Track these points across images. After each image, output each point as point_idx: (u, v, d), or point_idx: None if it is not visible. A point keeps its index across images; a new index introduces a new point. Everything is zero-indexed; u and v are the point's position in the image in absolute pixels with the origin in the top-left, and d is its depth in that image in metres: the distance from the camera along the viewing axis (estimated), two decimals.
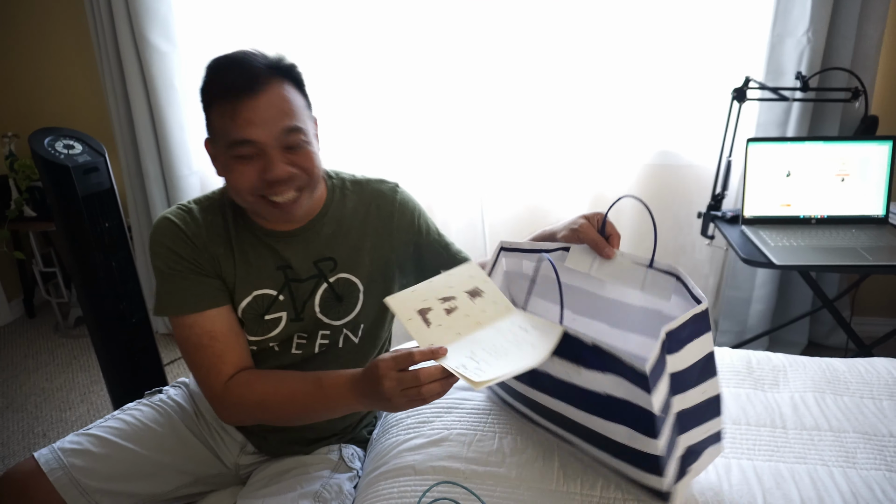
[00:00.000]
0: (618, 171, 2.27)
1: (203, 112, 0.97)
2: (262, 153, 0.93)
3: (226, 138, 0.93)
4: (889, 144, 1.79)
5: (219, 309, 1.01)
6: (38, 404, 2.16)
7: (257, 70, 0.92)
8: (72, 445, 1.07)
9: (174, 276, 1.00)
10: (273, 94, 0.92)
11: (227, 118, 0.91)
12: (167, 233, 1.01)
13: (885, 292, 2.36)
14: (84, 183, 1.53)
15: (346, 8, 2.18)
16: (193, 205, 1.05)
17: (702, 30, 2.06)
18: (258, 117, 0.91)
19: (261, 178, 0.93)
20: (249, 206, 0.99)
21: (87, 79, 2.57)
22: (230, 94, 0.91)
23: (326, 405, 0.95)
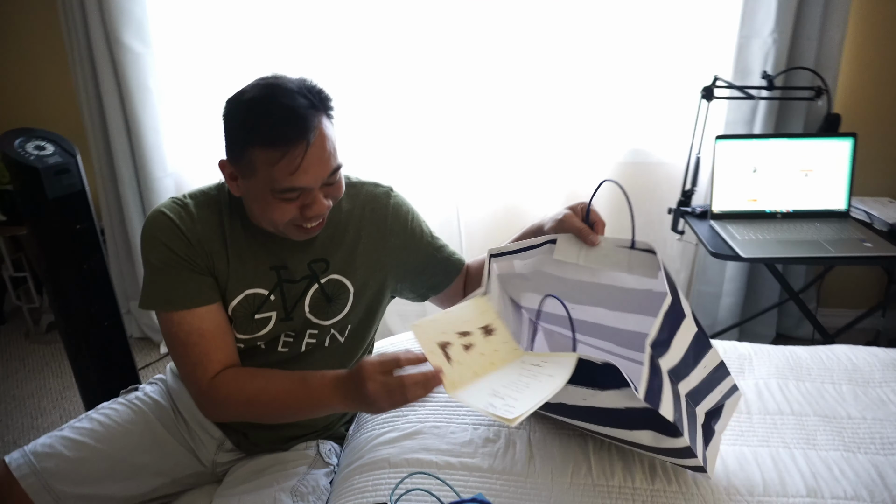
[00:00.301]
0: (591, 170, 2.30)
1: (228, 139, 0.95)
2: (306, 194, 0.94)
3: (272, 183, 0.91)
4: (850, 141, 1.85)
5: (209, 307, 1.00)
6: (9, 412, 2.12)
7: (307, 116, 0.89)
8: (44, 449, 1.06)
9: (167, 272, 0.99)
10: (320, 137, 0.91)
11: (277, 167, 0.90)
12: (162, 227, 0.99)
13: (849, 284, 2.43)
14: (54, 185, 1.51)
15: (318, 7, 2.18)
16: (189, 199, 1.04)
17: (672, 31, 2.10)
18: (310, 166, 0.90)
19: (301, 213, 0.95)
20: (276, 231, 0.99)
21: (59, 80, 2.53)
22: (286, 146, 0.89)
23: (311, 405, 0.96)
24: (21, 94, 2.59)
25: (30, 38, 2.51)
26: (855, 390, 1.23)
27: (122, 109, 2.28)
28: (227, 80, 2.30)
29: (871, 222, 1.85)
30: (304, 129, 0.89)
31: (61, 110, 2.57)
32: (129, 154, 2.34)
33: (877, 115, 2.19)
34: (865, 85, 2.17)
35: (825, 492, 0.95)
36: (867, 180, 2.16)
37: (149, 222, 1.01)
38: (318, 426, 1.18)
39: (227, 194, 1.04)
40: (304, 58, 2.22)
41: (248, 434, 1.15)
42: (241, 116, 0.92)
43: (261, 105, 0.90)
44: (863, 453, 1.05)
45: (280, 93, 0.90)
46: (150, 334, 2.60)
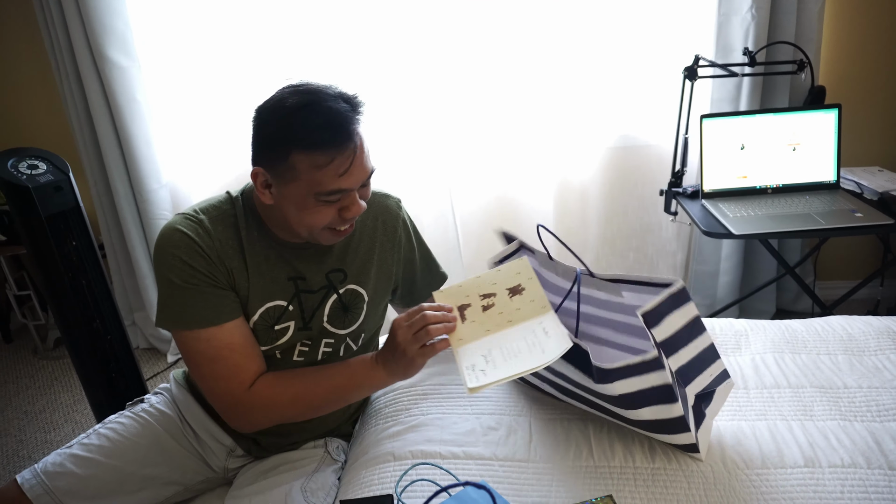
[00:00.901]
0: (581, 157, 2.31)
1: (266, 147, 0.95)
2: (345, 196, 0.96)
3: (315, 186, 0.93)
4: (835, 112, 1.86)
5: (235, 321, 1.00)
6: (22, 427, 2.15)
7: (351, 119, 0.93)
8: (54, 468, 1.07)
9: (189, 290, 0.97)
10: (360, 143, 0.94)
11: (322, 171, 0.92)
12: (180, 245, 0.97)
13: (845, 255, 2.44)
14: (48, 203, 1.52)
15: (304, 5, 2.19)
16: (202, 215, 1.02)
17: (652, 12, 2.11)
18: (354, 169, 0.94)
19: (339, 215, 0.97)
20: (310, 236, 1.00)
21: (47, 99, 2.54)
22: (330, 147, 0.91)
23: (357, 386, 1.03)
24: (11, 115, 2.60)
25: (14, 58, 2.51)
26: (850, 360, 1.25)
27: (113, 123, 2.29)
28: (214, 88, 2.30)
29: (861, 192, 1.86)
30: (351, 133, 0.92)
31: (52, 128, 2.58)
32: (122, 168, 2.35)
33: (861, 85, 2.20)
34: (847, 55, 2.17)
35: (823, 461, 0.97)
36: (855, 150, 2.17)
37: (164, 239, 0.99)
38: (329, 426, 1.19)
39: (242, 207, 1.04)
40: (290, 57, 2.23)
41: (259, 440, 1.17)
42: (284, 122, 0.92)
43: (305, 110, 0.91)
44: (859, 421, 1.07)
45: (322, 98, 0.92)
46: (156, 344, 2.62)
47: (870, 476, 0.94)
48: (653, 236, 2.39)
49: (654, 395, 0.89)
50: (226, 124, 2.35)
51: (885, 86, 2.20)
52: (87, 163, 2.39)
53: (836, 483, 0.93)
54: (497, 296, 0.99)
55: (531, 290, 0.99)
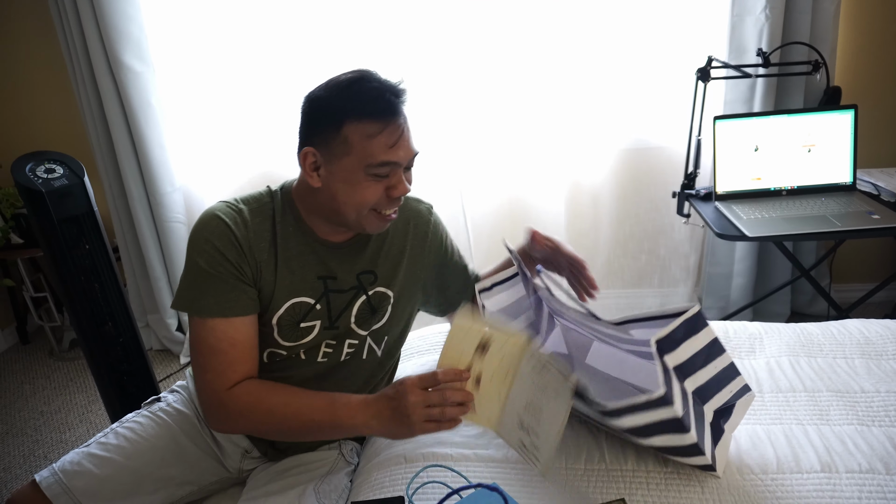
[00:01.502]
0: (593, 159, 2.31)
1: (318, 124, 0.98)
2: (394, 173, 0.99)
3: (368, 158, 0.95)
4: (851, 113, 1.84)
5: (244, 318, 1.01)
6: (38, 427, 2.18)
7: (400, 95, 0.97)
8: (72, 467, 1.08)
9: (213, 277, 0.98)
10: (406, 119, 0.99)
11: (376, 140, 0.94)
12: (216, 232, 0.99)
13: (861, 258, 2.41)
14: (61, 207, 1.54)
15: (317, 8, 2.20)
16: (243, 206, 1.04)
17: (666, 14, 2.10)
18: (403, 143, 0.97)
19: (385, 194, 0.99)
20: (357, 219, 1.01)
21: (63, 103, 2.58)
22: (387, 118, 0.95)
23: (333, 424, 0.96)
24: (28, 118, 2.64)
25: (31, 63, 2.55)
26: (868, 364, 1.23)
27: (127, 128, 2.32)
28: (227, 93, 2.33)
29: (878, 194, 1.83)
30: (399, 107, 0.97)
31: (68, 132, 2.62)
32: (136, 171, 2.38)
33: (878, 85, 2.17)
34: (864, 55, 2.15)
35: (840, 466, 0.96)
36: (872, 151, 2.15)
37: (202, 224, 1.01)
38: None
39: (280, 201, 1.06)
40: (302, 62, 2.24)
41: (275, 443, 1.17)
42: (337, 95, 0.96)
43: (358, 83, 0.96)
44: (877, 426, 1.05)
45: (372, 74, 0.98)
46: (169, 346, 2.64)
47: (888, 482, 0.92)
48: (665, 238, 2.37)
49: (665, 426, 0.88)
50: (239, 128, 2.37)
51: None
52: (102, 166, 2.42)
53: (854, 489, 0.91)
54: (475, 365, 0.93)
55: (498, 334, 0.92)
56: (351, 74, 0.97)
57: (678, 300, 2.47)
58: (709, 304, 2.40)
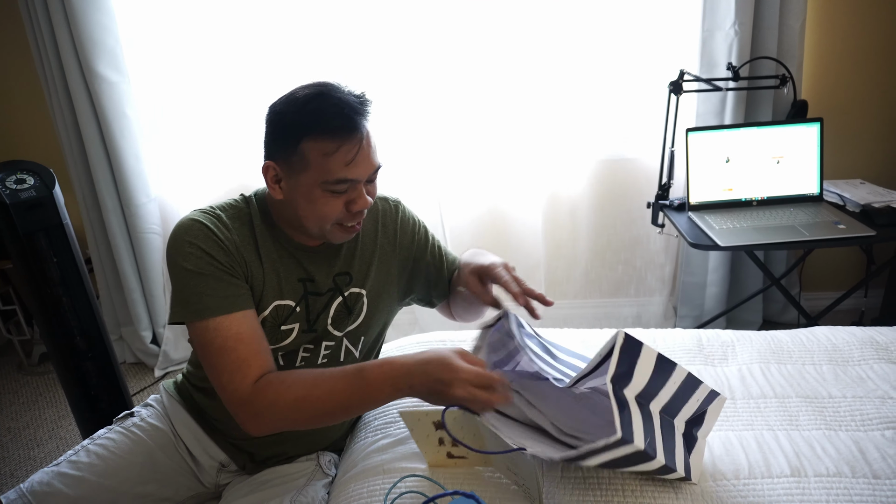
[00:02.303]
0: (570, 171, 2.34)
1: (278, 138, 0.98)
2: (353, 188, 0.98)
3: (325, 175, 0.95)
4: (817, 126, 1.90)
5: (246, 311, 0.98)
6: (5, 444, 2.12)
7: (361, 111, 0.97)
8: (42, 488, 1.05)
9: (203, 277, 0.96)
10: (368, 135, 0.98)
11: (332, 158, 0.94)
12: (199, 235, 0.98)
13: (829, 267, 2.47)
14: (29, 219, 1.52)
15: (292, 21, 2.21)
16: (219, 211, 1.04)
17: (638, 29, 2.15)
18: (361, 159, 0.96)
19: (346, 209, 0.99)
20: (320, 232, 1.01)
21: (36, 113, 2.54)
22: (343, 137, 0.94)
23: (368, 397, 0.94)
24: (0, 128, 2.59)
25: (3, 72, 2.51)
26: (835, 370, 1.26)
27: (101, 138, 2.29)
28: (204, 103, 2.31)
29: (843, 204, 1.89)
30: (359, 123, 0.96)
31: (41, 142, 2.57)
32: (111, 182, 2.34)
33: (842, 99, 2.25)
34: (829, 70, 2.22)
35: (808, 470, 0.98)
36: (838, 163, 2.21)
37: (182, 230, 0.99)
38: (328, 441, 1.19)
39: (257, 207, 1.06)
40: (280, 74, 2.24)
41: (254, 455, 1.16)
42: (296, 111, 0.96)
43: (317, 100, 0.95)
44: (844, 430, 1.08)
45: (332, 89, 0.97)
46: (143, 359, 2.60)
47: (854, 485, 0.94)
48: (641, 249, 2.41)
49: (631, 459, 0.88)
50: (215, 139, 2.36)
51: (865, 100, 2.25)
52: (76, 176, 2.38)
53: (822, 492, 0.94)
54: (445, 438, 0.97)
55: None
56: (309, 90, 0.97)
57: (654, 310, 2.50)
58: (683, 312, 2.43)
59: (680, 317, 2.44)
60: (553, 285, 2.49)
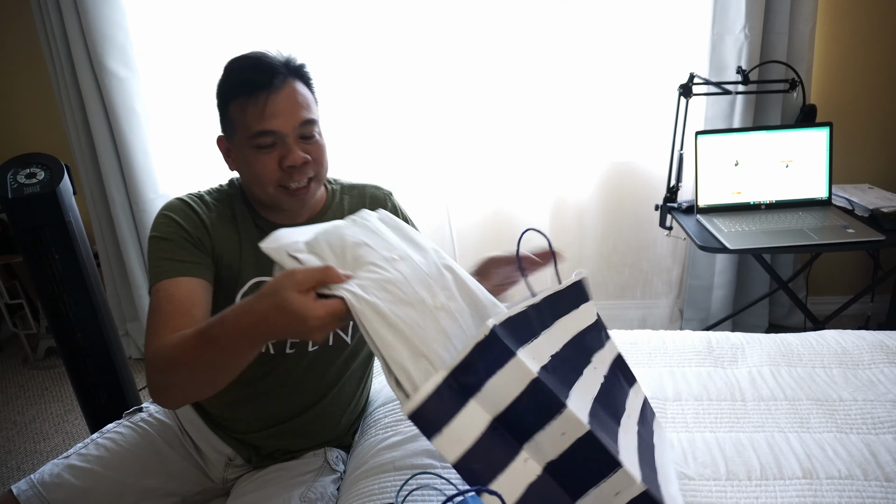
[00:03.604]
0: (578, 173, 2.34)
1: (218, 109, 1.02)
2: (281, 143, 0.98)
3: (247, 131, 0.97)
4: (826, 130, 1.90)
5: (191, 278, 0.96)
6: (11, 437, 2.12)
7: (277, 67, 0.98)
8: (52, 479, 1.06)
9: (168, 242, 0.98)
10: (290, 89, 0.99)
11: (248, 112, 0.97)
12: (175, 208, 1.02)
13: (836, 271, 2.47)
14: (31, 215, 1.52)
15: (303, 19, 2.21)
16: (205, 193, 1.09)
17: (648, 33, 2.16)
18: (279, 110, 0.97)
19: (280, 167, 0.99)
20: (269, 198, 1.02)
21: (45, 108, 2.55)
22: (252, 89, 0.96)
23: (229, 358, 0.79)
24: (9, 124, 2.60)
25: (13, 67, 2.52)
26: (845, 373, 1.26)
27: (111, 134, 2.30)
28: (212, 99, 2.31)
29: (852, 209, 1.89)
30: (269, 76, 0.96)
31: (49, 137, 2.58)
32: (119, 178, 2.35)
33: (851, 104, 2.25)
34: (838, 75, 2.22)
35: (820, 472, 0.98)
36: (846, 168, 2.21)
37: (164, 206, 1.04)
38: (329, 437, 1.19)
39: (238, 189, 1.10)
40: None
41: (259, 448, 1.16)
42: (221, 80, 1.00)
43: (237, 62, 1.00)
44: (855, 434, 1.08)
45: (256, 54, 1.00)
46: None
47: (867, 487, 0.94)
48: (648, 253, 2.41)
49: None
50: None
51: (875, 105, 2.25)
52: (84, 172, 2.39)
53: (834, 494, 0.94)
54: None
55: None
56: (236, 57, 1.01)
57: (660, 312, 2.50)
58: (689, 315, 2.43)
59: (686, 320, 2.44)
60: None
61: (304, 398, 1.13)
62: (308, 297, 0.69)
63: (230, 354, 0.78)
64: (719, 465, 1.01)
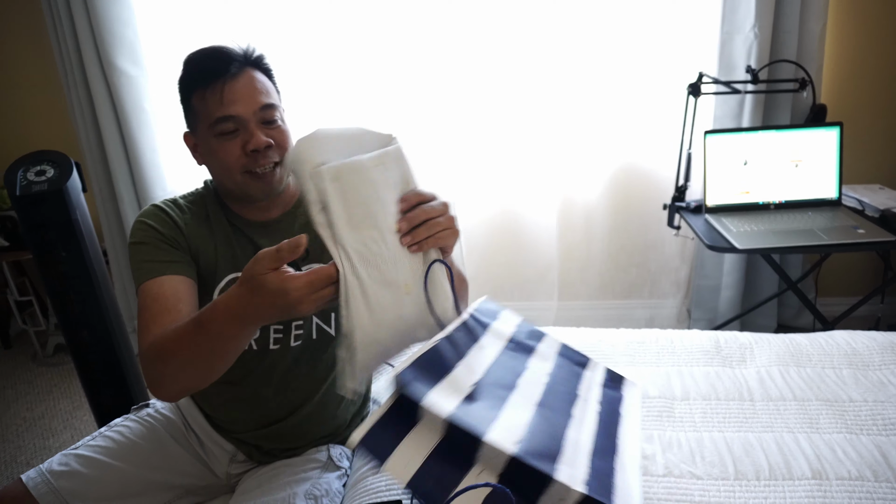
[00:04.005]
0: (586, 173, 2.33)
1: (181, 105, 1.04)
2: (243, 128, 1.00)
3: (208, 119, 0.99)
4: (837, 130, 1.89)
5: (173, 276, 1.00)
6: (20, 434, 2.14)
7: (233, 56, 1.01)
8: (60, 467, 1.07)
9: (144, 246, 1.02)
10: (249, 77, 1.01)
11: (207, 101, 0.99)
12: (150, 214, 1.06)
13: (846, 272, 2.45)
14: (37, 213, 1.53)
15: (310, 19, 2.22)
16: (179, 198, 1.11)
17: (657, 32, 2.14)
18: (238, 96, 0.99)
19: (244, 152, 1.00)
20: (237, 186, 1.03)
21: (54, 106, 2.56)
22: (210, 78, 0.98)
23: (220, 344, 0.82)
24: (18, 121, 2.62)
25: (23, 65, 2.54)
26: (855, 374, 1.25)
27: (119, 131, 2.31)
28: None
29: (862, 209, 1.88)
30: (226, 64, 0.99)
31: (58, 135, 2.60)
32: (128, 175, 2.37)
33: (862, 104, 2.23)
34: (849, 74, 2.20)
35: (830, 473, 0.97)
36: (857, 168, 2.20)
37: (140, 213, 1.07)
38: (327, 432, 1.19)
39: (213, 190, 1.11)
40: (296, 69, 2.25)
41: (260, 445, 1.16)
42: (182, 73, 1.02)
43: (191, 56, 1.02)
44: (865, 435, 1.07)
45: (213, 46, 1.02)
46: None
47: (877, 489, 0.94)
48: (656, 253, 2.40)
49: None
50: None
51: (886, 105, 2.23)
52: (93, 169, 2.40)
53: (844, 495, 0.93)
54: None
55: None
56: (198, 49, 1.03)
57: (667, 312, 2.49)
58: (697, 315, 2.42)
59: (693, 320, 2.43)
60: (566, 287, 2.48)
61: (293, 396, 1.13)
62: (281, 272, 0.73)
63: (222, 339, 0.81)
64: (728, 464, 1.00)
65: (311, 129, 0.79)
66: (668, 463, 1.01)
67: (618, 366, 1.31)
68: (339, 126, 0.82)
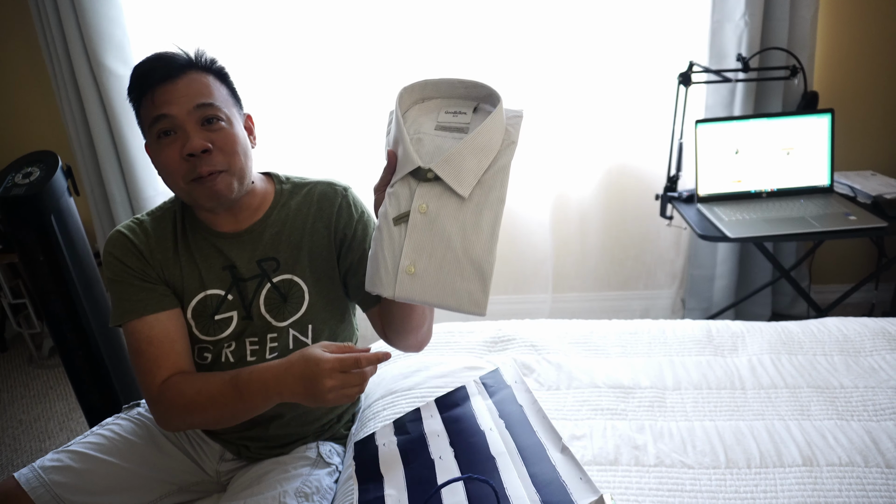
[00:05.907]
0: (580, 172, 2.32)
1: (135, 115, 1.03)
2: (180, 130, 0.97)
3: (147, 121, 0.98)
4: (828, 117, 1.88)
5: (158, 315, 1.03)
6: (16, 436, 2.14)
7: (176, 61, 0.99)
8: (52, 463, 1.08)
9: (119, 285, 1.04)
10: (190, 79, 0.99)
11: (144, 105, 0.98)
12: (117, 244, 1.06)
13: (839, 259, 2.45)
14: (19, 215, 1.53)
15: (300, 18, 2.21)
16: (146, 217, 1.11)
17: (646, 20, 2.13)
18: (174, 96, 0.97)
19: (182, 157, 0.97)
20: (184, 194, 1.02)
21: (44, 107, 2.55)
22: (150, 83, 0.97)
23: (246, 405, 0.95)
24: (7, 123, 2.60)
25: (11, 65, 2.52)
26: (847, 360, 1.25)
27: (109, 131, 2.30)
28: None
29: (854, 196, 1.87)
30: (169, 69, 0.98)
31: (49, 135, 2.58)
32: (119, 176, 2.35)
33: (854, 90, 2.22)
34: (840, 61, 2.20)
35: (821, 459, 0.97)
36: (849, 155, 2.19)
37: (106, 242, 1.07)
38: (314, 429, 1.19)
39: (180, 203, 1.10)
40: (287, 68, 2.24)
41: (248, 445, 1.17)
42: (129, 83, 1.01)
43: (139, 64, 1.00)
44: (856, 420, 1.07)
45: (158, 53, 1.01)
46: None
47: (867, 474, 0.94)
48: (651, 245, 2.40)
49: None
50: None
51: (877, 91, 2.23)
52: (85, 170, 2.39)
53: (835, 481, 0.93)
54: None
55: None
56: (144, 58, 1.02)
57: (662, 303, 2.50)
58: (692, 305, 2.42)
59: (688, 309, 2.43)
60: (561, 279, 2.48)
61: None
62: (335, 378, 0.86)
63: (253, 409, 0.95)
64: (719, 453, 1.00)
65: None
66: (660, 453, 1.01)
67: (610, 357, 1.31)
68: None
